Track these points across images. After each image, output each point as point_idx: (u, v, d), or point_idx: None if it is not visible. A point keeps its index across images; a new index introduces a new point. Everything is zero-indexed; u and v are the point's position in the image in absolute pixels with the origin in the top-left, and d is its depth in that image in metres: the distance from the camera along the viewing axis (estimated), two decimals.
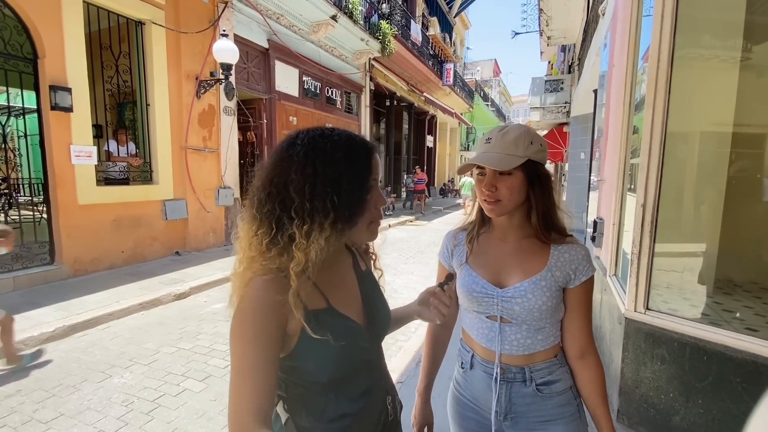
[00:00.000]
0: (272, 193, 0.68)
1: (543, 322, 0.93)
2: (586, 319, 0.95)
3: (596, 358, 0.95)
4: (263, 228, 0.68)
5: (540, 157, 0.92)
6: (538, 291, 0.91)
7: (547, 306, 0.91)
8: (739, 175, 2.61)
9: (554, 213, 0.95)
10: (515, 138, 0.90)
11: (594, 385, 0.94)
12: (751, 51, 2.54)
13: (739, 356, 1.69)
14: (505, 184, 0.91)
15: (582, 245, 0.95)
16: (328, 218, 0.66)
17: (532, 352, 0.95)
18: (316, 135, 0.70)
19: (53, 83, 4.30)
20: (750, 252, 2.74)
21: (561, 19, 7.84)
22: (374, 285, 0.87)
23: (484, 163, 0.90)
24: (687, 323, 1.87)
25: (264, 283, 0.67)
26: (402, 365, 2.80)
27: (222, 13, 6.19)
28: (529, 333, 0.94)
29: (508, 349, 0.95)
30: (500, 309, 0.94)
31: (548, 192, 0.93)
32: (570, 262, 0.92)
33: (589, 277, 0.93)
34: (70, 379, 2.64)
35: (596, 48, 4.51)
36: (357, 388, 0.76)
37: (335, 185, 0.67)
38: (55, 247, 4.54)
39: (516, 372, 0.95)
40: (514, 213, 0.95)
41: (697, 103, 2.59)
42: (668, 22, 1.85)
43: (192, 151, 5.98)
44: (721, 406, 1.75)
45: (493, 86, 34.63)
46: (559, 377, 0.95)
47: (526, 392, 0.95)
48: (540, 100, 10.49)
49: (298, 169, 0.67)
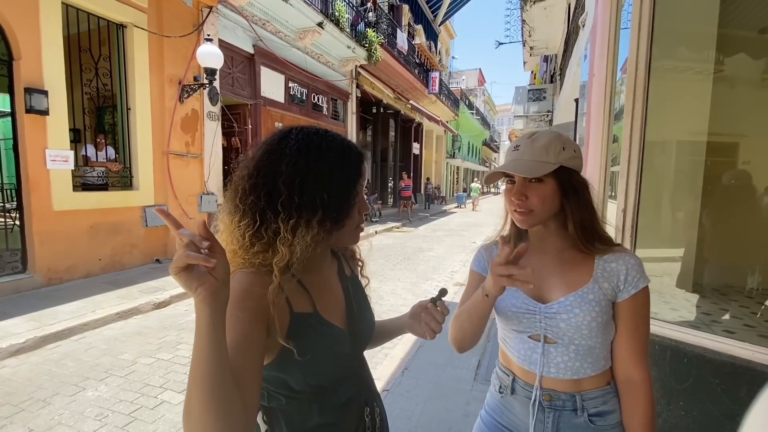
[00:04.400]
0: (258, 183, 0.65)
1: (593, 341, 0.83)
2: (636, 336, 0.83)
3: (644, 386, 0.82)
4: (246, 219, 0.66)
5: (574, 164, 0.85)
6: (586, 305, 0.82)
7: (597, 322, 0.82)
8: (713, 182, 2.70)
9: (595, 222, 0.87)
10: (546, 144, 0.83)
11: (635, 416, 0.82)
12: (723, 63, 2.65)
13: (717, 358, 1.73)
14: (536, 193, 0.84)
15: (632, 254, 0.86)
16: (316, 215, 0.65)
17: (581, 377, 0.85)
18: (310, 132, 0.69)
19: (29, 86, 4.17)
20: (726, 256, 2.83)
21: (543, 30, 8.05)
22: (360, 292, 0.85)
23: (512, 170, 0.84)
24: (667, 326, 1.90)
25: (244, 275, 0.64)
26: (388, 373, 2.77)
27: (206, 17, 6.13)
28: (577, 355, 0.84)
29: (554, 372, 0.86)
30: (544, 327, 0.85)
31: (585, 201, 0.86)
32: (618, 272, 0.83)
33: (639, 288, 0.83)
34: (40, 393, 2.52)
35: (577, 58, 4.64)
36: (339, 398, 0.74)
37: (327, 183, 0.66)
38: (28, 255, 4.36)
39: (565, 399, 0.86)
40: (549, 222, 0.88)
41: (674, 113, 2.67)
42: (645, 33, 1.91)
43: (174, 157, 5.86)
44: (702, 407, 1.78)
45: (477, 95, 35.21)
46: (614, 408, 0.86)
47: (577, 423, 0.85)
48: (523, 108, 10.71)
49: (290, 162, 0.65)
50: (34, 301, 3.94)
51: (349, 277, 0.84)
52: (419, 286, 5.31)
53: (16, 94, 4.17)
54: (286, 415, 0.71)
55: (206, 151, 6.41)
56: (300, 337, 0.66)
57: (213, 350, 0.50)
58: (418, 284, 5.41)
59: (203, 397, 0.50)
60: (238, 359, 0.56)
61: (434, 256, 7.38)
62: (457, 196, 22.49)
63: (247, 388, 0.56)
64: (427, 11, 15.38)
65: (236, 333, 0.58)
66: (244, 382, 0.56)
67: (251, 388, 0.58)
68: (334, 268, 0.82)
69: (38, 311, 3.68)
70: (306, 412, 0.70)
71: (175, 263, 0.49)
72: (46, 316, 3.58)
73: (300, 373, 0.68)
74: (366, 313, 0.83)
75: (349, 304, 0.79)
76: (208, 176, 6.46)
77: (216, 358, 0.50)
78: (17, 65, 4.16)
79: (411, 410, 2.36)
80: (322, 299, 0.73)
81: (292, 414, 0.70)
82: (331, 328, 0.72)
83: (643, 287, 0.83)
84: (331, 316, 0.73)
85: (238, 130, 7.64)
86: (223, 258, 0.52)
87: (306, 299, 0.70)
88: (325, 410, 0.71)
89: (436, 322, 0.83)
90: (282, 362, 0.67)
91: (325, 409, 0.72)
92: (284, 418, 0.71)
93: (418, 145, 18.71)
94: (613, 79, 2.52)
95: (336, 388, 0.73)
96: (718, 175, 2.79)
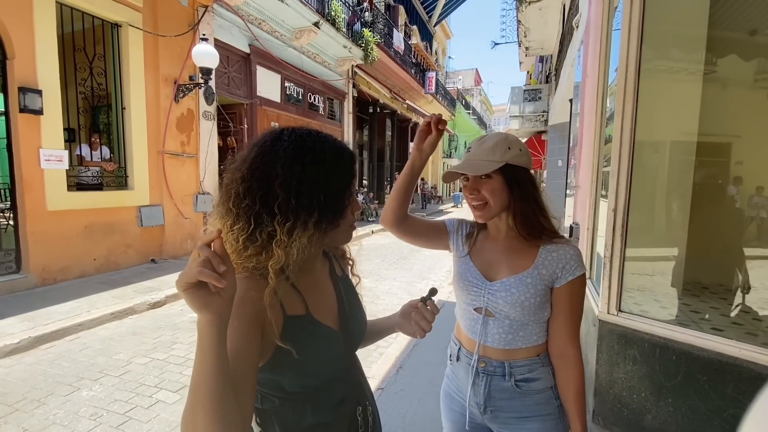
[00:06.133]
0: (252, 187, 0.64)
1: (526, 318, 0.95)
2: (570, 318, 0.95)
3: (576, 360, 0.95)
4: (240, 223, 0.64)
5: (520, 161, 0.95)
6: (523, 287, 0.93)
7: (530, 303, 0.93)
8: (703, 182, 2.73)
9: (537, 215, 0.96)
10: (493, 145, 0.95)
11: (569, 384, 0.95)
12: (715, 64, 2.68)
13: (705, 355, 1.76)
14: (486, 188, 0.95)
15: (572, 246, 0.97)
16: (313, 217, 0.65)
17: (513, 348, 0.97)
18: (303, 133, 0.69)
19: (23, 85, 4.15)
20: (715, 255, 2.86)
21: (538, 31, 8.08)
22: (351, 291, 0.86)
23: (462, 170, 0.96)
24: (657, 324, 1.93)
25: (240, 281, 0.63)
26: (383, 371, 2.79)
27: (202, 17, 6.12)
28: (511, 328, 0.96)
29: (490, 342, 0.98)
30: (486, 301, 0.97)
31: (528, 194, 0.95)
32: (558, 261, 0.94)
33: (575, 276, 0.93)
34: (35, 393, 2.51)
35: (571, 59, 4.66)
36: (332, 398, 0.74)
37: (324, 185, 0.66)
38: (22, 255, 4.34)
39: (496, 366, 0.98)
40: (502, 214, 0.99)
41: (664, 113, 2.70)
42: (635, 34, 1.93)
43: (169, 156, 5.85)
44: (690, 404, 1.81)
45: (474, 95, 35.26)
46: (539, 376, 0.97)
47: (505, 386, 0.98)
48: (519, 108, 10.75)
49: (285, 164, 0.64)
50: (28, 302, 3.92)
51: (340, 277, 0.84)
52: (415, 286, 5.33)
53: (10, 93, 4.15)
54: (279, 417, 0.71)
55: (202, 151, 6.40)
56: (293, 340, 0.66)
57: (217, 369, 0.50)
58: (413, 283, 5.42)
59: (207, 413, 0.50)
60: (236, 369, 0.56)
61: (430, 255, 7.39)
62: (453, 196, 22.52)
63: (243, 395, 0.57)
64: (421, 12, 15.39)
65: (234, 343, 0.57)
66: (241, 390, 0.56)
67: (248, 395, 0.58)
68: (326, 268, 0.82)
69: (32, 311, 3.66)
70: (299, 413, 0.70)
71: (185, 278, 0.47)
72: (41, 316, 3.57)
73: (293, 374, 0.68)
74: (358, 312, 0.83)
75: (341, 305, 0.79)
76: (204, 176, 6.45)
77: (220, 376, 0.51)
78: (11, 64, 4.13)
79: (405, 409, 2.38)
80: (315, 300, 0.73)
81: (285, 415, 0.70)
82: (324, 329, 0.72)
83: (579, 275, 0.94)
84: (324, 317, 0.73)
85: (234, 129, 7.62)
86: (233, 277, 0.51)
87: (298, 301, 0.70)
88: (318, 411, 0.72)
89: (425, 321, 0.85)
90: (275, 364, 0.67)
91: (318, 410, 0.72)
92: (277, 420, 0.71)
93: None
94: (605, 80, 2.54)
95: (329, 388, 0.74)
96: (709, 175, 2.83)
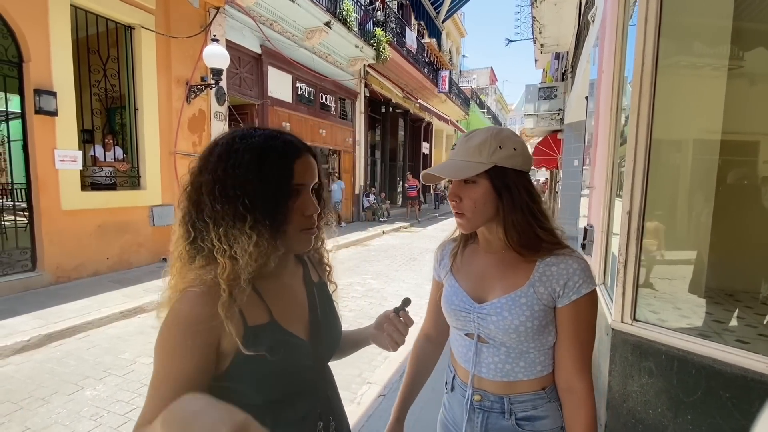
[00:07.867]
0: (189, 194, 0.65)
1: (525, 345, 0.80)
2: (576, 344, 0.79)
3: (584, 395, 0.79)
4: (181, 231, 0.65)
5: (513, 163, 0.78)
6: (516, 309, 0.79)
7: (526, 327, 0.78)
8: (728, 183, 2.57)
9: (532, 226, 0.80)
10: (479, 143, 0.78)
11: (576, 425, 0.78)
12: (742, 59, 2.52)
13: (728, 370, 1.63)
14: (468, 195, 0.80)
15: (577, 257, 0.80)
16: (246, 222, 0.61)
17: (513, 380, 0.83)
18: (235, 136, 0.66)
19: (38, 87, 4.24)
20: (741, 260, 2.69)
21: (554, 27, 7.88)
22: (326, 298, 0.81)
23: (438, 172, 0.81)
24: (674, 335, 1.80)
25: (194, 296, 0.61)
26: (386, 377, 2.72)
27: (213, 18, 6.17)
28: (508, 357, 0.82)
29: (485, 372, 0.84)
30: (477, 326, 0.84)
31: (520, 201, 0.79)
32: (558, 277, 0.78)
33: (581, 295, 0.78)
34: (40, 391, 2.54)
35: (587, 55, 4.51)
36: (295, 412, 0.69)
37: (243, 188, 0.62)
38: (37, 254, 4.44)
39: (494, 401, 0.84)
40: (492, 223, 0.83)
41: (685, 111, 2.55)
42: (652, 27, 1.81)
43: (181, 157, 5.91)
44: (711, 422, 1.68)
45: (489, 94, 34.86)
46: (545, 414, 0.82)
47: (504, 425, 0.83)
48: (534, 107, 10.52)
49: (211, 170, 0.63)
50: (41, 299, 4.00)
51: (316, 283, 0.79)
52: (423, 287, 5.24)
53: (26, 95, 4.25)
54: None
55: None
56: (251, 348, 0.62)
57: None
58: (422, 285, 5.34)
59: None
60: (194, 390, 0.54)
61: None
62: None
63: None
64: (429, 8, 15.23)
65: (190, 366, 0.58)
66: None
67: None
68: (299, 273, 0.78)
69: (45, 309, 3.74)
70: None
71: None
72: (52, 314, 3.63)
73: (252, 386, 0.64)
74: (332, 320, 0.78)
75: (313, 312, 0.75)
76: None
77: None
78: (27, 67, 4.23)
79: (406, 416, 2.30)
80: (281, 306, 0.69)
81: None
82: (290, 337, 0.68)
83: (586, 293, 0.78)
84: (291, 325, 0.69)
85: None
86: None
87: (262, 309, 0.66)
88: (281, 426, 0.66)
89: (398, 333, 0.78)
90: (234, 373, 0.62)
91: (281, 425, 0.66)
92: None
93: (428, 145, 18.59)
94: (621, 76, 2.41)
95: (293, 401, 0.69)
96: (735, 175, 2.66)
